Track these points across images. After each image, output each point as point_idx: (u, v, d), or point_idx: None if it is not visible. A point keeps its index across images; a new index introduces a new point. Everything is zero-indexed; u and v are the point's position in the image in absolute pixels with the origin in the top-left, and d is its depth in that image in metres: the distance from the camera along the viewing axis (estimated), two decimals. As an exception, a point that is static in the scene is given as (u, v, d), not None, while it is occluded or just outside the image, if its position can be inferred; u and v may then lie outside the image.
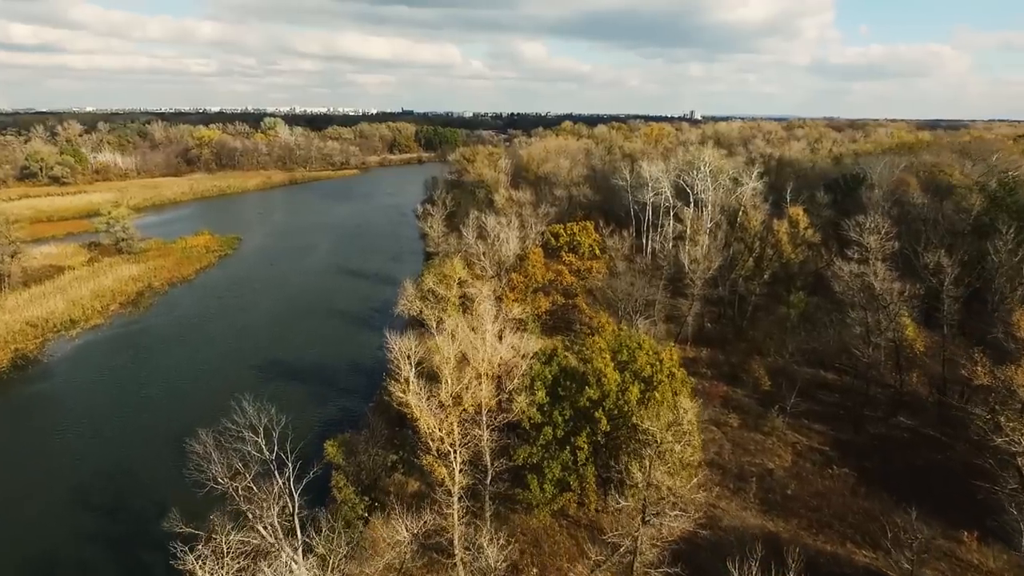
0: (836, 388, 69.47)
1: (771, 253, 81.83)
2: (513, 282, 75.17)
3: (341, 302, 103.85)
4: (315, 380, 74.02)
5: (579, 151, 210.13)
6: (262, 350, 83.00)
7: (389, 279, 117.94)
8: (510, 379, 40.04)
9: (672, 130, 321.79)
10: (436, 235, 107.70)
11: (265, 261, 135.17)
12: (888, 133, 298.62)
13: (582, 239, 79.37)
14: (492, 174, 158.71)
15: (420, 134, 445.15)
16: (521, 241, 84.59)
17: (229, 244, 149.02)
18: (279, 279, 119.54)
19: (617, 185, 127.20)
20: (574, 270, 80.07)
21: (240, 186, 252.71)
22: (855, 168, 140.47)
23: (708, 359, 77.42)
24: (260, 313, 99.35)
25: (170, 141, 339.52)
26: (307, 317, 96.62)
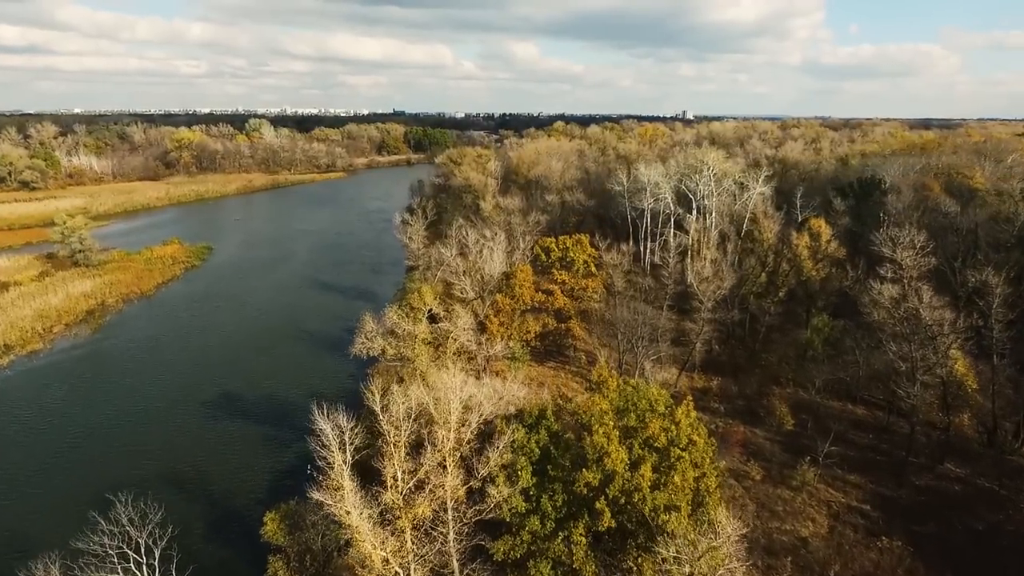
0: (869, 426, 60.67)
1: (787, 269, 72.99)
2: (498, 304, 66.12)
3: (311, 322, 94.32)
4: (267, 422, 64.51)
5: (572, 152, 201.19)
6: (211, 384, 73.35)
7: (366, 294, 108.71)
8: (484, 461, 30.79)
9: (666, 130, 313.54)
10: (416, 247, 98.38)
11: (235, 273, 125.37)
12: (886, 132, 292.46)
13: (576, 255, 70.42)
14: (480, 178, 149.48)
15: (409, 135, 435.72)
16: (508, 256, 75.48)
17: (198, 254, 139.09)
18: (246, 294, 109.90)
19: (613, 190, 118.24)
20: (567, 290, 71.04)
21: (219, 190, 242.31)
22: (865, 170, 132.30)
23: (720, 390, 68.50)
24: (218, 336, 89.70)
25: (150, 143, 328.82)
26: (270, 341, 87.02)
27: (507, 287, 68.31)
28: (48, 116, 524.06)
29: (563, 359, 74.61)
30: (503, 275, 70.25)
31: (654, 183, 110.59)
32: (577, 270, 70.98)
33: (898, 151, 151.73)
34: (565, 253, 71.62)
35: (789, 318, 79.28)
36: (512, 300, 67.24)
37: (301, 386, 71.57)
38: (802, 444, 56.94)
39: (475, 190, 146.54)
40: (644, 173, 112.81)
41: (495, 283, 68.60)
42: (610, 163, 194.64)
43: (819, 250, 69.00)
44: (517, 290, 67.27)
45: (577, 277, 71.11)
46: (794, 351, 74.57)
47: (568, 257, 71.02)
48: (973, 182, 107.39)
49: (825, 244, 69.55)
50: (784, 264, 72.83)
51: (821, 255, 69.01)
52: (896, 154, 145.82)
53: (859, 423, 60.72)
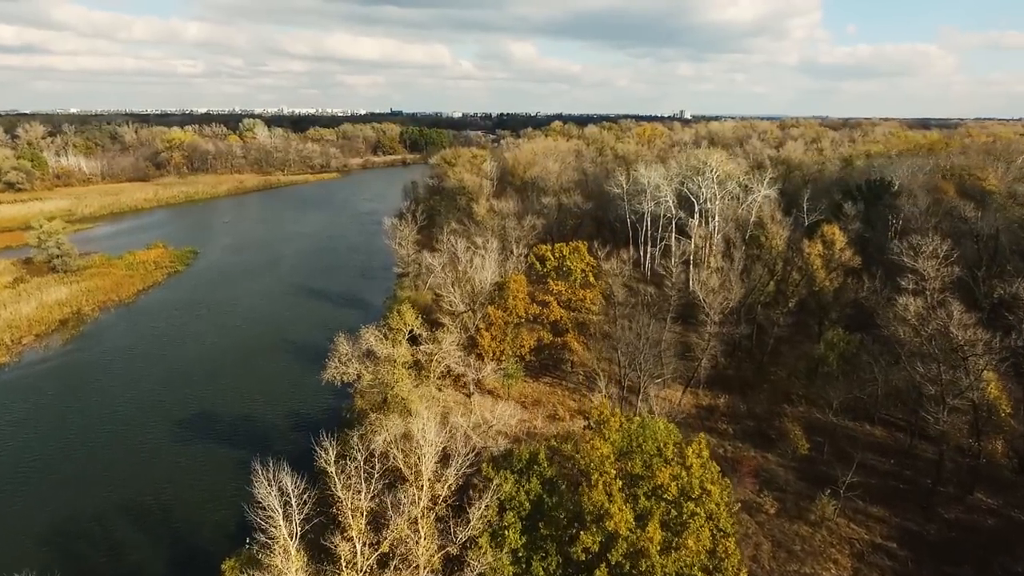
0: (889, 449, 56.32)
1: (797, 278, 68.60)
2: (490, 317, 61.65)
3: (295, 332, 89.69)
4: (241, 447, 59.73)
5: (569, 153, 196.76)
6: (184, 403, 68.74)
7: (355, 301, 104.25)
8: (463, 522, 26.32)
9: (665, 130, 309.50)
10: (406, 253, 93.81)
11: (220, 279, 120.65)
12: (887, 132, 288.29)
13: (573, 263, 65.95)
14: (474, 180, 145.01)
15: (405, 135, 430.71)
16: (501, 264, 71.01)
17: (183, 259, 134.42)
18: (229, 302, 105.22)
19: (612, 192, 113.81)
20: (564, 301, 66.58)
21: (209, 192, 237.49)
22: (872, 172, 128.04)
23: (726, 408, 64.12)
24: (197, 348, 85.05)
25: (142, 144, 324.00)
26: (250, 354, 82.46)
27: (499, 298, 63.85)
28: (43, 116, 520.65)
29: (559, 374, 70.19)
30: (495, 285, 65.79)
31: (654, 185, 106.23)
32: (574, 280, 66.55)
33: (904, 152, 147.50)
34: (561, 262, 67.16)
35: (799, 329, 74.91)
36: (505, 313, 62.77)
37: (280, 405, 67.11)
38: (819, 471, 52.64)
39: (469, 192, 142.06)
40: (644, 175, 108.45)
41: (487, 294, 64.15)
42: (607, 163, 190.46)
43: (832, 258, 64.71)
44: (510, 302, 62.79)
45: (574, 287, 66.66)
46: (804, 365, 70.19)
47: (565, 266, 66.59)
48: (986, 184, 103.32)
49: (839, 252, 65.28)
50: (794, 273, 68.45)
51: (835, 264, 64.70)
52: (902, 155, 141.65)
53: (878, 446, 56.37)
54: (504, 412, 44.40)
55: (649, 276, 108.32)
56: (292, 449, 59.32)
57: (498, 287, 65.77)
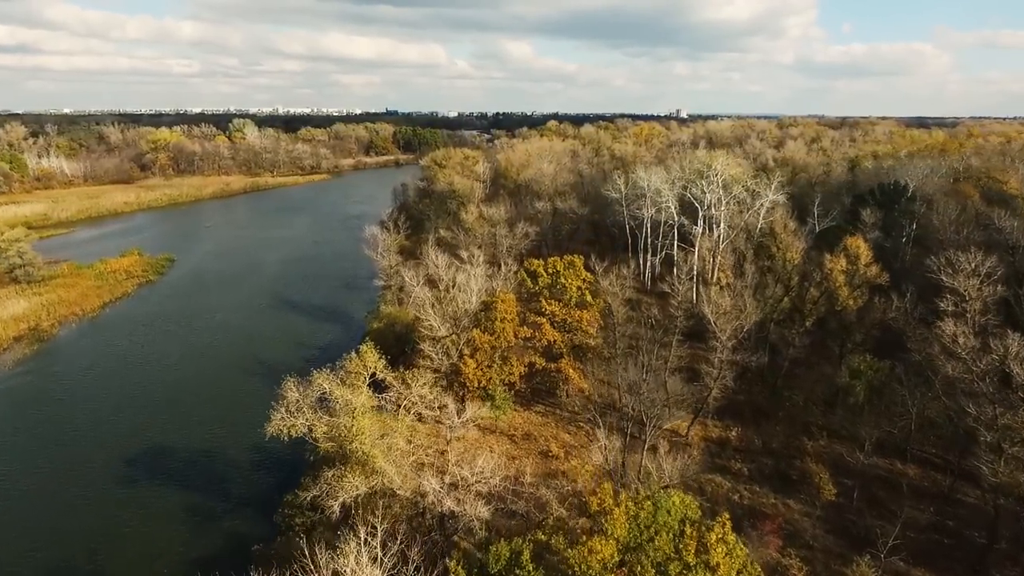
0: (926, 493, 49.78)
1: (816, 295, 62.02)
2: (475, 342, 55.01)
3: (269, 351, 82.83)
4: (196, 490, 53.27)
5: (564, 154, 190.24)
6: (137, 436, 61.87)
7: (336, 314, 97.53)
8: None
9: (662, 130, 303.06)
10: (388, 265, 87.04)
11: (194, 289, 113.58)
12: (887, 131, 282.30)
13: (568, 280, 59.25)
14: (465, 182, 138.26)
15: (398, 135, 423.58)
16: (489, 279, 64.29)
17: (157, 267, 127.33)
18: (202, 315, 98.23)
19: (609, 196, 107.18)
20: (558, 322, 59.90)
21: (194, 194, 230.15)
22: (881, 174, 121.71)
23: (739, 441, 57.57)
24: (159, 369, 78.13)
25: (128, 144, 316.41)
26: (218, 377, 75.66)
27: (486, 320, 57.12)
28: (34, 116, 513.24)
29: (553, 402, 63.57)
30: (482, 304, 59.10)
31: (654, 190, 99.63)
32: (569, 298, 59.94)
33: (914, 152, 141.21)
34: (555, 278, 60.47)
35: (815, 350, 68.35)
36: (492, 337, 56.07)
37: (243, 437, 60.23)
38: (848, 521, 46.16)
39: (460, 196, 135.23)
40: (643, 178, 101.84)
41: (472, 315, 57.44)
42: (604, 164, 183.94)
43: (856, 274, 58.19)
44: (498, 324, 56.07)
45: (569, 307, 60.03)
46: (823, 390, 63.81)
47: (559, 283, 59.95)
48: (1007, 188, 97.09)
49: (864, 267, 58.78)
50: (812, 289, 61.89)
51: (859, 280, 58.20)
52: (911, 156, 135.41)
53: (914, 490, 49.79)
54: (487, 464, 37.73)
55: (649, 286, 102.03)
56: (252, 493, 52.79)
57: (485, 307, 59.02)
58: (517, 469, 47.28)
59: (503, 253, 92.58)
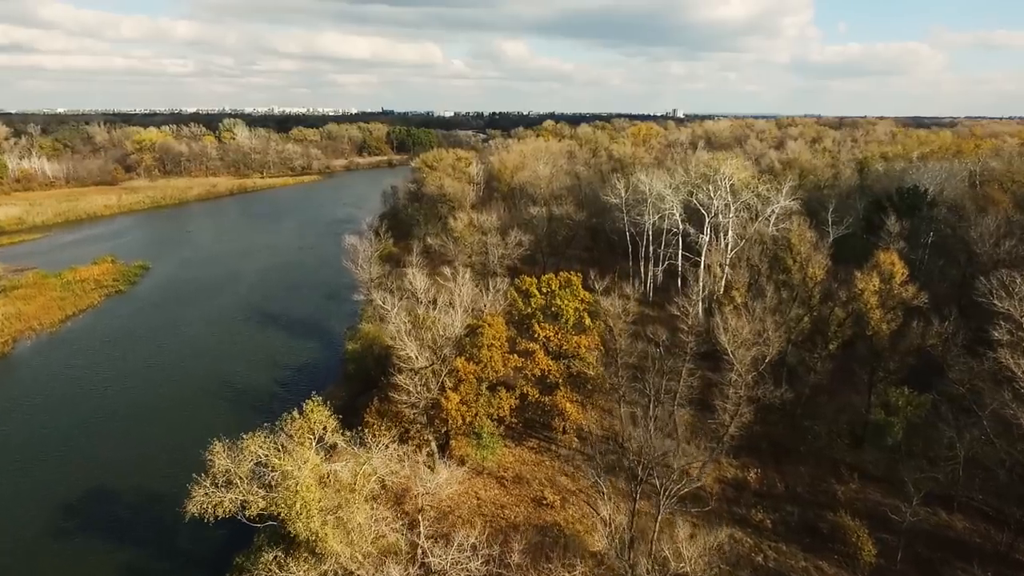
0: (978, 550, 43.09)
1: (842, 316, 55.33)
2: (459, 373, 48.29)
3: (239, 374, 75.97)
4: (141, 544, 46.35)
5: (561, 155, 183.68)
6: (80, 480, 54.97)
7: (316, 330, 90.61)
8: None
9: (660, 130, 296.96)
10: (369, 278, 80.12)
11: (167, 301, 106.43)
12: (888, 131, 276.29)
13: (564, 302, 52.46)
14: (456, 185, 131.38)
15: (392, 135, 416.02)
16: (477, 298, 57.48)
17: (130, 275, 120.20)
18: (171, 330, 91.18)
19: (609, 202, 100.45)
20: (553, 348, 53.18)
21: (178, 196, 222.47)
22: (893, 177, 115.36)
23: (759, 483, 50.92)
24: (114, 396, 71.01)
25: (114, 145, 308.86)
26: (176, 405, 68.61)
27: (472, 346, 50.34)
28: (28, 116, 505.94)
29: (548, 436, 56.79)
30: (467, 328, 52.31)
31: (656, 195, 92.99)
32: (566, 321, 53.22)
33: (927, 154, 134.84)
34: (550, 298, 53.72)
35: (838, 375, 61.77)
36: (478, 366, 49.31)
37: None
38: (892, 588, 39.50)
39: (450, 200, 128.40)
40: (644, 182, 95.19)
41: (455, 341, 50.66)
42: (601, 165, 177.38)
43: (890, 294, 51.50)
44: (484, 352, 49.32)
45: (566, 331, 53.31)
46: (847, 420, 57.28)
47: (554, 304, 53.19)
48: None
49: (898, 286, 52.11)
50: (837, 310, 55.19)
51: (893, 301, 51.54)
52: (924, 158, 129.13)
53: (965, 547, 43.19)
54: (466, 540, 30.92)
55: (652, 296, 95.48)
56: (200, 552, 45.83)
57: (470, 331, 52.25)
58: (505, 536, 40.33)
59: (494, 263, 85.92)
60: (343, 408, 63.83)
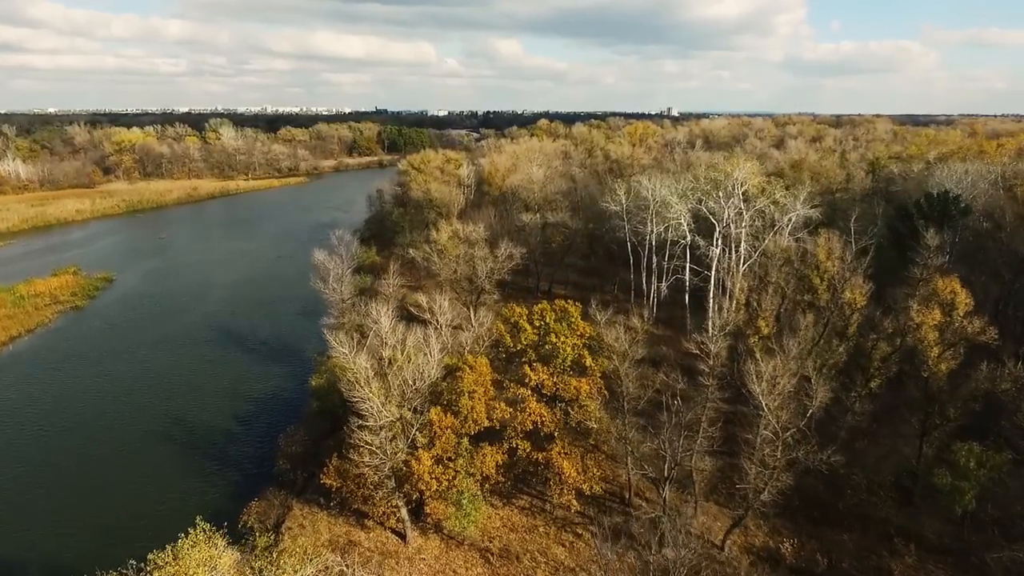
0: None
1: (887, 350, 46.95)
2: (434, 427, 39.76)
3: (193, 408, 67.25)
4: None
5: (556, 155, 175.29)
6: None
7: (287, 353, 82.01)
8: None
9: (657, 128, 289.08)
10: (340, 299, 71.32)
11: (126, 318, 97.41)
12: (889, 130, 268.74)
13: (561, 339, 43.67)
14: (444, 190, 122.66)
15: (383, 135, 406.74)
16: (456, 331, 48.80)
17: (90, 288, 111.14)
18: (126, 354, 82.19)
19: (608, 209, 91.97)
20: (548, 393, 44.64)
21: (155, 200, 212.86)
22: (913, 179, 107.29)
23: (795, 557, 42.47)
24: (47, 436, 62.15)
25: (94, 146, 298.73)
26: (116, 449, 59.87)
27: (450, 392, 41.76)
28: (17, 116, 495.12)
29: (542, 493, 48.18)
30: (445, 370, 43.73)
31: (661, 201, 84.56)
32: (563, 360, 44.63)
33: (946, 154, 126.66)
34: (544, 333, 45.07)
35: (880, 415, 53.44)
36: (457, 420, 40.74)
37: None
38: None
39: (438, 205, 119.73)
40: (647, 187, 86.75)
41: (431, 387, 42.06)
42: (598, 165, 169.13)
43: (952, 329, 43.10)
44: (464, 401, 40.75)
45: (562, 372, 44.78)
46: (892, 469, 49.02)
47: (548, 343, 44.49)
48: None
49: (961, 319, 43.77)
50: (882, 343, 46.84)
51: (955, 336, 43.14)
52: (943, 159, 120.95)
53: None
54: None
55: (655, 312, 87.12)
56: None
57: (448, 373, 43.63)
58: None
59: (482, 280, 77.32)
60: (303, 455, 55.47)
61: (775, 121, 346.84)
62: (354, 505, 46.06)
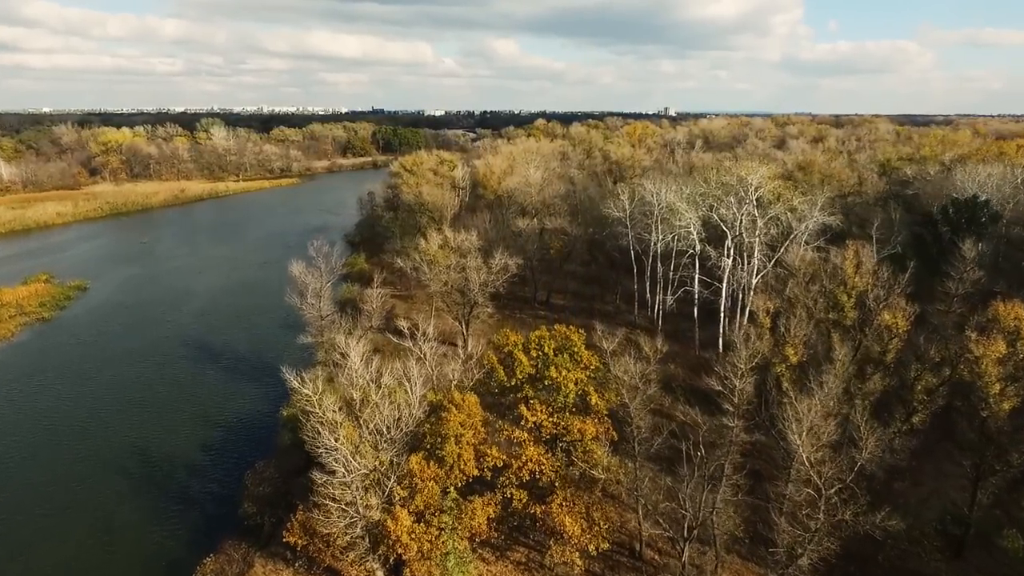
0: None
1: (934, 383, 41.15)
2: (414, 478, 33.81)
3: (156, 437, 61.25)
4: None
5: (553, 156, 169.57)
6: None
7: (264, 372, 75.62)
8: None
9: (656, 128, 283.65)
10: (318, 316, 65.15)
11: (95, 332, 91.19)
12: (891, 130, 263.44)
13: (562, 373, 37.65)
14: (436, 192, 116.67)
15: (378, 135, 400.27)
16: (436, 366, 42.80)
17: (61, 298, 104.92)
18: (88, 374, 76.07)
19: (611, 216, 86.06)
20: (547, 436, 38.68)
21: (141, 202, 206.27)
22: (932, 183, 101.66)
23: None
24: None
25: (81, 146, 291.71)
26: (63, 488, 53.79)
27: (432, 435, 35.83)
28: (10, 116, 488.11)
29: (539, 546, 42.14)
30: (428, 407, 37.81)
31: (666, 207, 78.71)
32: (565, 397, 38.63)
33: (962, 156, 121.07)
34: (542, 366, 38.93)
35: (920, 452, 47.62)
36: (442, 468, 34.82)
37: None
38: None
39: (431, 209, 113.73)
40: (652, 192, 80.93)
41: (411, 429, 36.09)
42: (596, 166, 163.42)
43: (1015, 360, 37.39)
44: (450, 447, 34.84)
45: (563, 410, 38.78)
46: (937, 515, 43.20)
47: (547, 377, 38.42)
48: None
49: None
50: (928, 376, 41.03)
51: (1019, 369, 37.40)
52: (961, 160, 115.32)
53: None
54: None
55: (660, 325, 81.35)
56: None
57: (432, 411, 37.65)
58: None
59: (475, 292, 71.36)
60: (272, 496, 49.29)
61: (775, 121, 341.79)
62: (324, 562, 40.10)
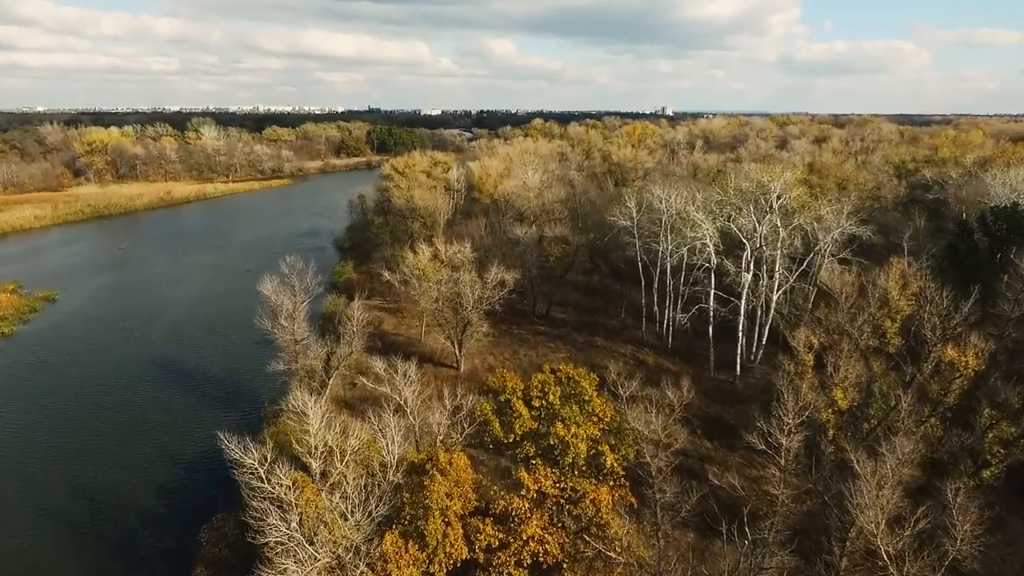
0: None
1: (1012, 433, 34.56)
2: (390, 564, 27.05)
3: (107, 477, 54.39)
4: None
5: (552, 157, 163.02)
6: None
7: (237, 396, 69.28)
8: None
9: (656, 128, 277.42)
10: (292, 340, 58.10)
11: (59, 348, 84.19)
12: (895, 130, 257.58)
13: (570, 430, 30.60)
14: (429, 197, 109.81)
15: (373, 135, 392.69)
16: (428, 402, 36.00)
17: (25, 310, 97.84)
18: (47, 396, 69.19)
19: (617, 224, 79.30)
20: (554, 503, 31.94)
21: (124, 205, 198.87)
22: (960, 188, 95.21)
23: None
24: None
25: (67, 146, 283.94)
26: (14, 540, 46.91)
27: (413, 508, 29.12)
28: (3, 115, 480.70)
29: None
30: (408, 467, 31.09)
31: (676, 214, 72.09)
32: (575, 457, 31.73)
33: (986, 158, 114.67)
34: (546, 417, 32.00)
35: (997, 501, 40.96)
36: (424, 551, 28.09)
37: None
38: None
39: (423, 215, 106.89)
40: (660, 198, 74.34)
41: (387, 496, 29.34)
42: (596, 167, 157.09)
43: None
44: (434, 524, 28.16)
45: (574, 472, 31.93)
46: (1016, 572, 36.62)
47: (552, 434, 31.54)
48: None
49: None
50: (1004, 424, 34.51)
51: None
52: (984, 163, 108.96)
53: None
54: None
55: (670, 343, 74.86)
56: None
57: (412, 472, 30.90)
58: None
59: (468, 310, 64.58)
60: (228, 560, 42.26)
61: (775, 120, 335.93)
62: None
